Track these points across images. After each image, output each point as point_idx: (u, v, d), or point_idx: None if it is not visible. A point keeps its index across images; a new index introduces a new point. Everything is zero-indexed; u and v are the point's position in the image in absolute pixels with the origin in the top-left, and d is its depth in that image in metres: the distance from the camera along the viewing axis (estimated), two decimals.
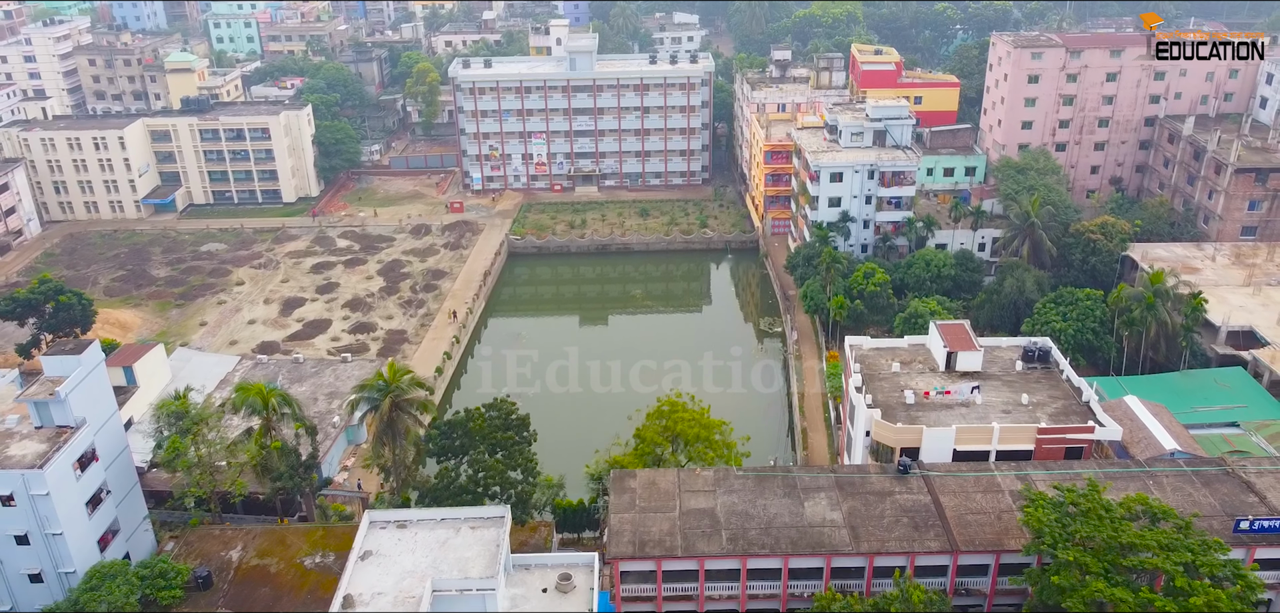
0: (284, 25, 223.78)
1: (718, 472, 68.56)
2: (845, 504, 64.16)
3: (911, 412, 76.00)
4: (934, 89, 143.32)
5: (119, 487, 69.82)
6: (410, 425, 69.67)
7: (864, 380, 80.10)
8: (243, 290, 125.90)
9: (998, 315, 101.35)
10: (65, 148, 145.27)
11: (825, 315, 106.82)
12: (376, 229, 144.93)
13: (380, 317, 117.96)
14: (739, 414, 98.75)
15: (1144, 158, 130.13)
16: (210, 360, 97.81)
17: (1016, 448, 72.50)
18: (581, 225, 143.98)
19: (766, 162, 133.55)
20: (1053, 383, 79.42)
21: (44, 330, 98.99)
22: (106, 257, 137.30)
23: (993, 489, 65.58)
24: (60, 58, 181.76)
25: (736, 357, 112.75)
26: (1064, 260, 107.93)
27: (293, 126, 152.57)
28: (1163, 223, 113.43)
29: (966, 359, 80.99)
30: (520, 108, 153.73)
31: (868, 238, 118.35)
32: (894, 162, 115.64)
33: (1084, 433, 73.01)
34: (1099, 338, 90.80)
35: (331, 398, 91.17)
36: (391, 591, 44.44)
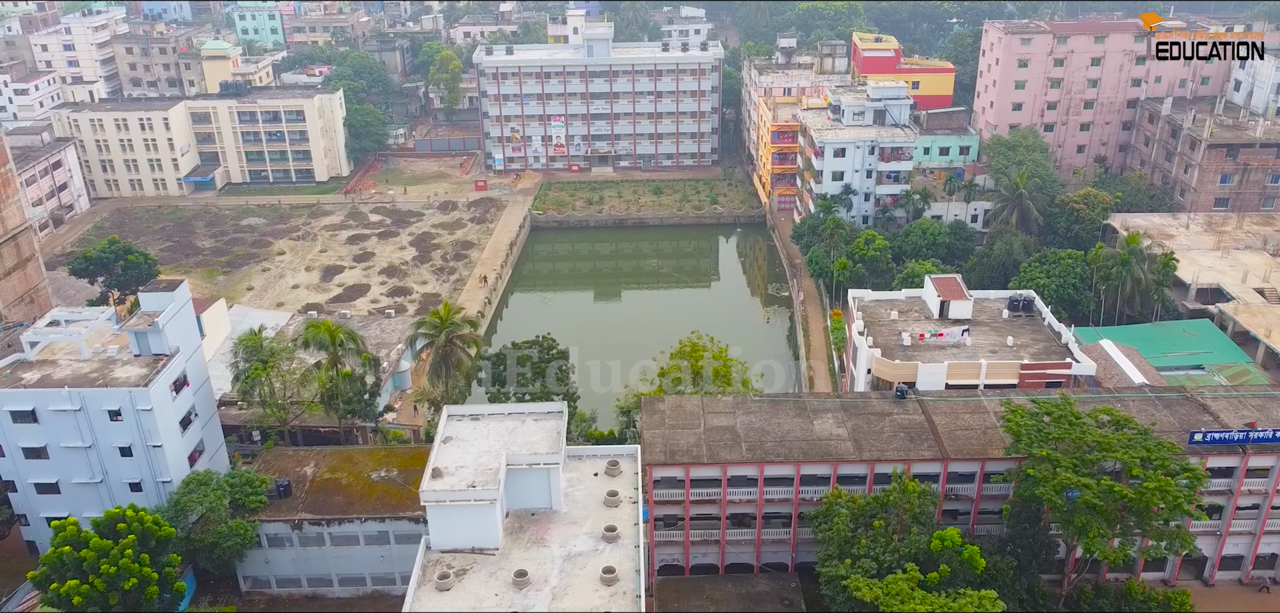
0: (307, 17, 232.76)
1: (736, 398, 77.48)
2: (849, 423, 72.94)
3: (908, 352, 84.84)
4: (930, 75, 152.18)
5: (204, 412, 78.51)
6: (462, 358, 78.37)
7: (866, 326, 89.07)
8: (284, 259, 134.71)
9: (988, 277, 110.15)
10: (113, 128, 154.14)
11: (829, 278, 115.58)
12: (406, 206, 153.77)
13: (415, 282, 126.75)
14: (751, 362, 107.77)
15: (1126, 137, 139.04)
16: (265, 315, 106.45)
17: (1002, 383, 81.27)
18: (599, 202, 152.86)
19: (773, 141, 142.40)
20: (1036, 329, 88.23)
21: (112, 287, 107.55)
22: (153, 229, 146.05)
23: (979, 411, 74.33)
24: (98, 46, 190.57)
25: (749, 315, 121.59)
26: (1050, 229, 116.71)
27: (326, 110, 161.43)
28: (1143, 195, 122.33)
29: (958, 308, 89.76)
30: (540, 93, 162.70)
31: (868, 210, 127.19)
32: (893, 138, 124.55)
33: (1062, 369, 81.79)
34: (1079, 293, 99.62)
35: (378, 347, 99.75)
36: (472, 465, 53.09)
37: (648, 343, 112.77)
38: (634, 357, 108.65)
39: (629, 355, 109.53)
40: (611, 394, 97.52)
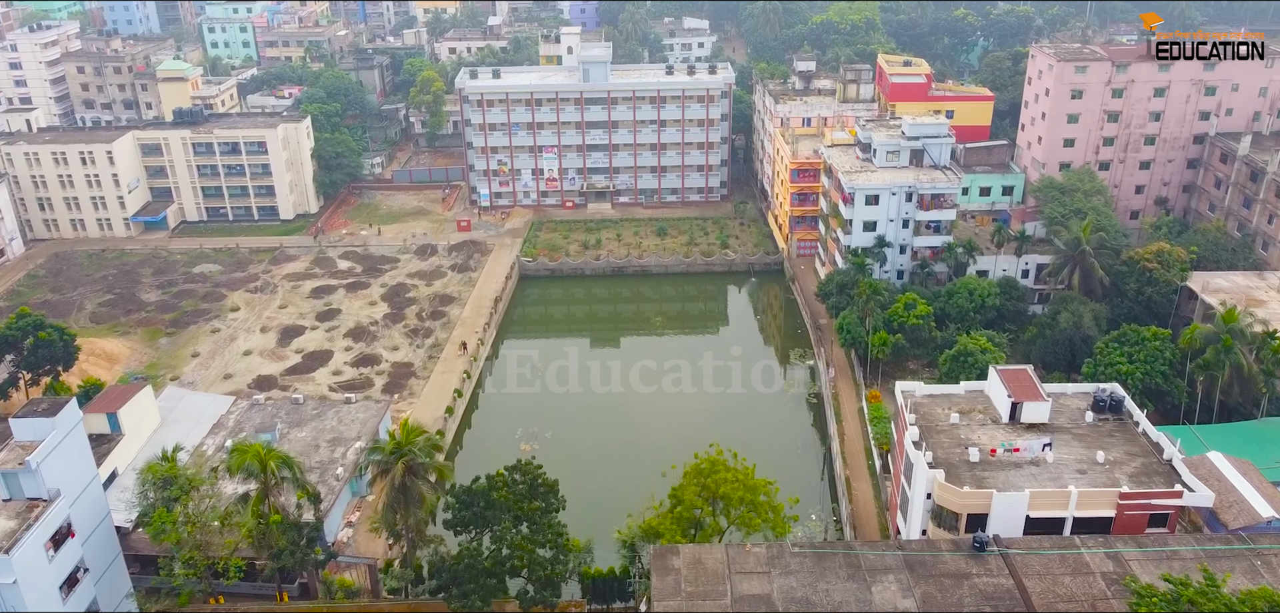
0: (281, 30, 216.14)
1: (771, 549, 61.27)
2: (918, 589, 56.85)
3: (977, 471, 69.14)
4: (966, 102, 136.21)
5: (99, 561, 62.63)
6: (425, 493, 62.34)
7: (922, 434, 73.21)
8: (238, 317, 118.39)
9: (1051, 352, 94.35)
10: (50, 162, 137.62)
11: (862, 349, 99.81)
12: (379, 248, 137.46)
13: (385, 347, 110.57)
14: (774, 457, 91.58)
15: (1192, 177, 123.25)
16: (202, 401, 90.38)
17: (1096, 515, 65.81)
18: (596, 246, 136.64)
19: (793, 180, 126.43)
20: (1128, 437, 72.54)
21: (22, 368, 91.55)
22: (93, 278, 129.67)
23: (1082, 570, 58.25)
24: (47, 65, 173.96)
25: (768, 392, 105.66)
26: (1116, 290, 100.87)
27: (291, 139, 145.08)
28: (1221, 249, 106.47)
29: (1033, 410, 74.13)
30: (531, 121, 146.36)
31: (904, 264, 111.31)
32: (933, 183, 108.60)
33: (1171, 498, 66.09)
34: (1168, 382, 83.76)
35: (335, 445, 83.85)
36: None
37: (654, 433, 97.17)
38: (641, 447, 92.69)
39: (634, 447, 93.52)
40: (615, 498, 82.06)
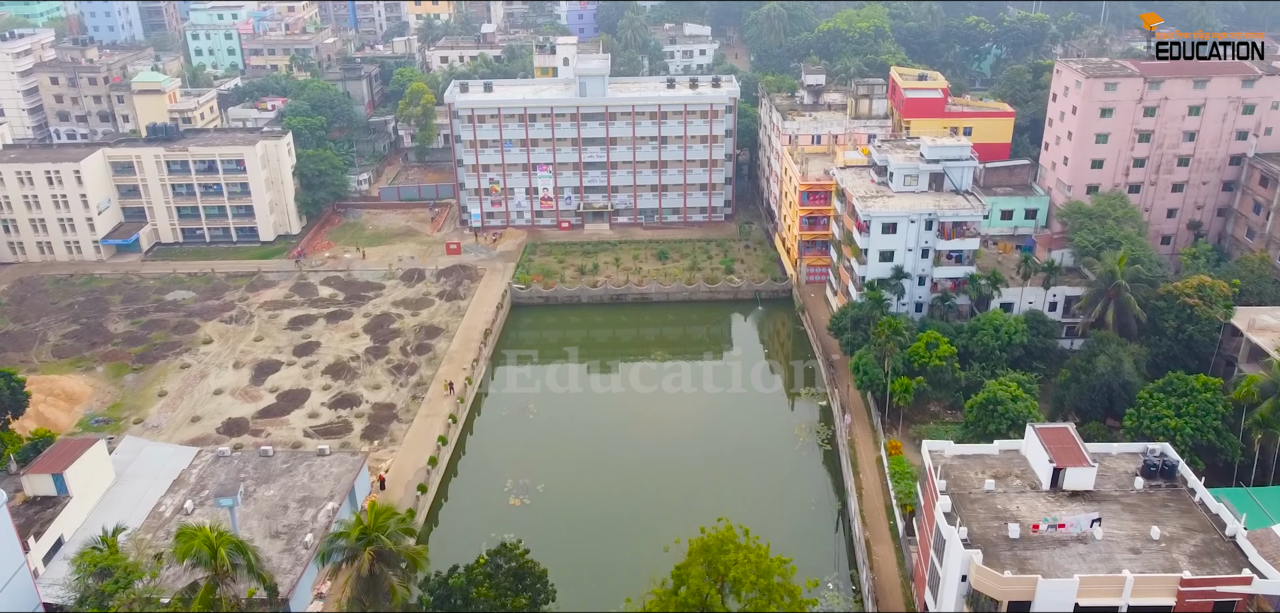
0: (267, 38, 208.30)
1: None
2: None
3: (1017, 550, 61.68)
4: (986, 119, 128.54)
5: None
6: (395, 586, 54.71)
7: (954, 504, 65.65)
8: (210, 351, 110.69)
9: (1086, 398, 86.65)
10: (14, 182, 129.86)
11: (880, 392, 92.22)
12: (363, 273, 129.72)
13: (366, 386, 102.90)
14: (785, 511, 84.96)
15: (1227, 200, 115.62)
16: (163, 454, 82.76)
17: (1154, 603, 58.33)
18: (593, 271, 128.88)
19: (803, 203, 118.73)
20: (1184, 508, 65.10)
21: None
22: (59, 307, 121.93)
23: None
24: (20, 75, 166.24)
25: (779, 435, 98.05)
26: (1154, 327, 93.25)
27: (271, 157, 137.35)
28: (1266, 282, 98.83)
29: (1077, 476, 66.76)
30: (524, 137, 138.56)
31: (924, 295, 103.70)
32: (955, 210, 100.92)
33: (1239, 583, 58.57)
34: (1222, 437, 76.18)
35: (305, 505, 76.30)
36: None
37: (656, 484, 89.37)
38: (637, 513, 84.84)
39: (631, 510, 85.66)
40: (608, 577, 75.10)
